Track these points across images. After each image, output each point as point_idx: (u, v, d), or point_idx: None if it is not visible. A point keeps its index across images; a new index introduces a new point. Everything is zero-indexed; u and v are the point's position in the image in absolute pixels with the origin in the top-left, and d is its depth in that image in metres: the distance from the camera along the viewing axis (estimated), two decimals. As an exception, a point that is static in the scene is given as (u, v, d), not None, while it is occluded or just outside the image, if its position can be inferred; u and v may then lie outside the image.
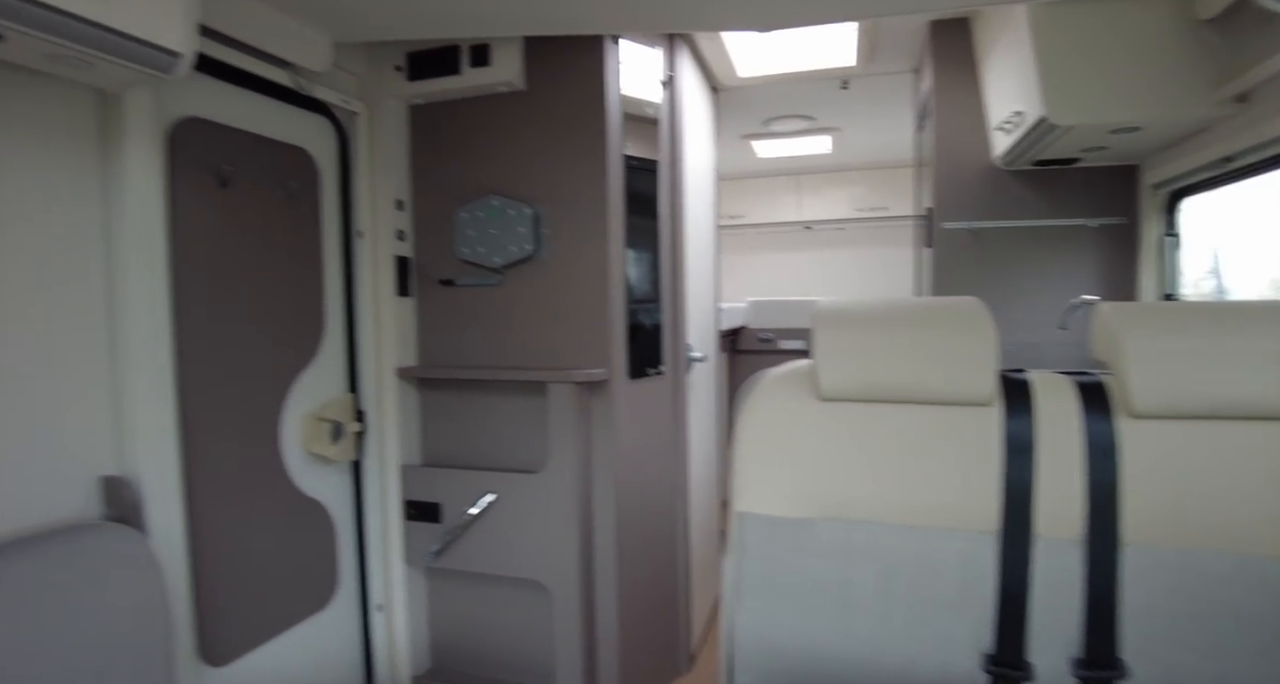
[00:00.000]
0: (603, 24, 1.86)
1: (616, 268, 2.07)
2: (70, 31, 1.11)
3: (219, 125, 1.68)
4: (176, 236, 1.57)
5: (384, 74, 2.11)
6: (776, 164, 4.96)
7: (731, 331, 4.20)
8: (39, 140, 1.32)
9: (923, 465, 1.11)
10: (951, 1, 1.78)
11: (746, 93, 3.24)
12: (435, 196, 2.20)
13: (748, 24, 1.91)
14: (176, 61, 1.26)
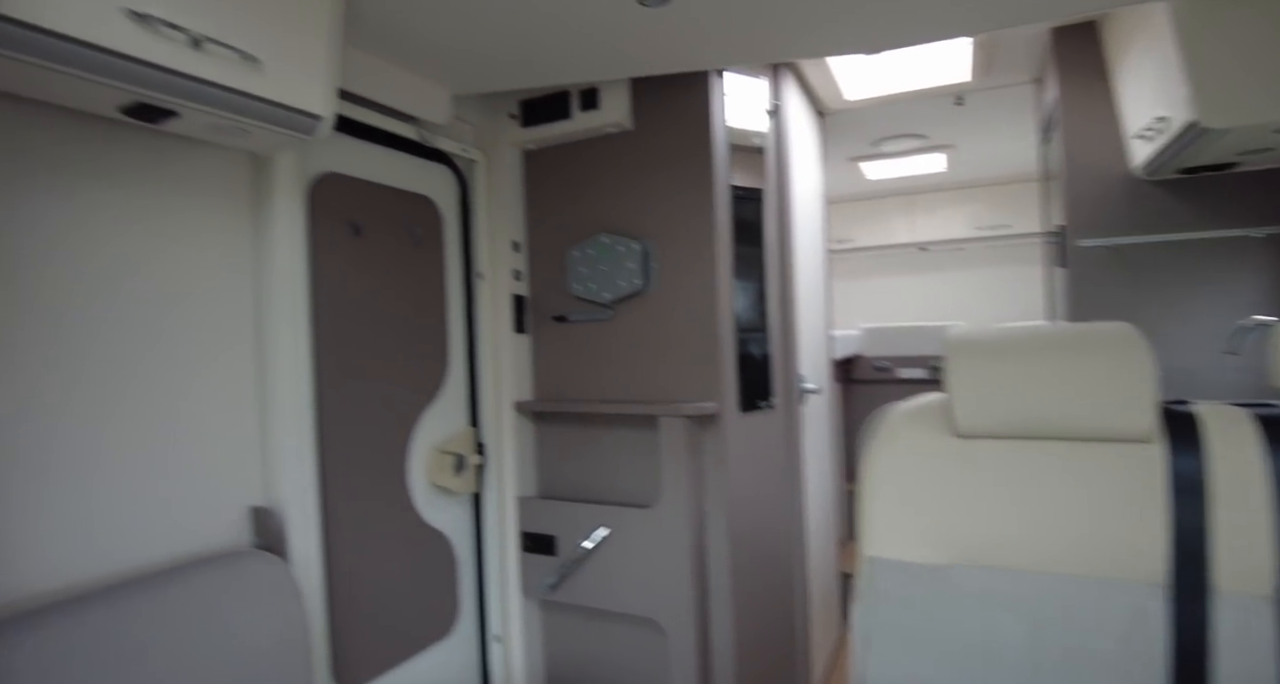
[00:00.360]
0: (708, 60, 1.88)
1: (725, 299, 2.05)
2: (234, 105, 1.24)
3: (352, 179, 1.82)
4: (316, 283, 1.70)
5: (499, 122, 2.22)
6: (887, 185, 4.80)
7: (845, 360, 4.06)
8: (204, 200, 1.47)
9: (1074, 508, 1.01)
10: (1078, 5, 1.67)
11: (854, 115, 3.17)
12: (549, 236, 2.27)
13: (856, 47, 1.87)
14: (319, 124, 1.38)
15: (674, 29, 1.68)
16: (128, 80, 1.11)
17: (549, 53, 1.78)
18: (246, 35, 1.23)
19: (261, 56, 1.25)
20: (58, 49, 1.02)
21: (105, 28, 1.05)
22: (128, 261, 1.34)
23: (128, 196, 1.34)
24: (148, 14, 1.09)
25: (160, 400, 1.38)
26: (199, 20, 1.16)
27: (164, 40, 1.12)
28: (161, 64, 1.12)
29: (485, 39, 1.71)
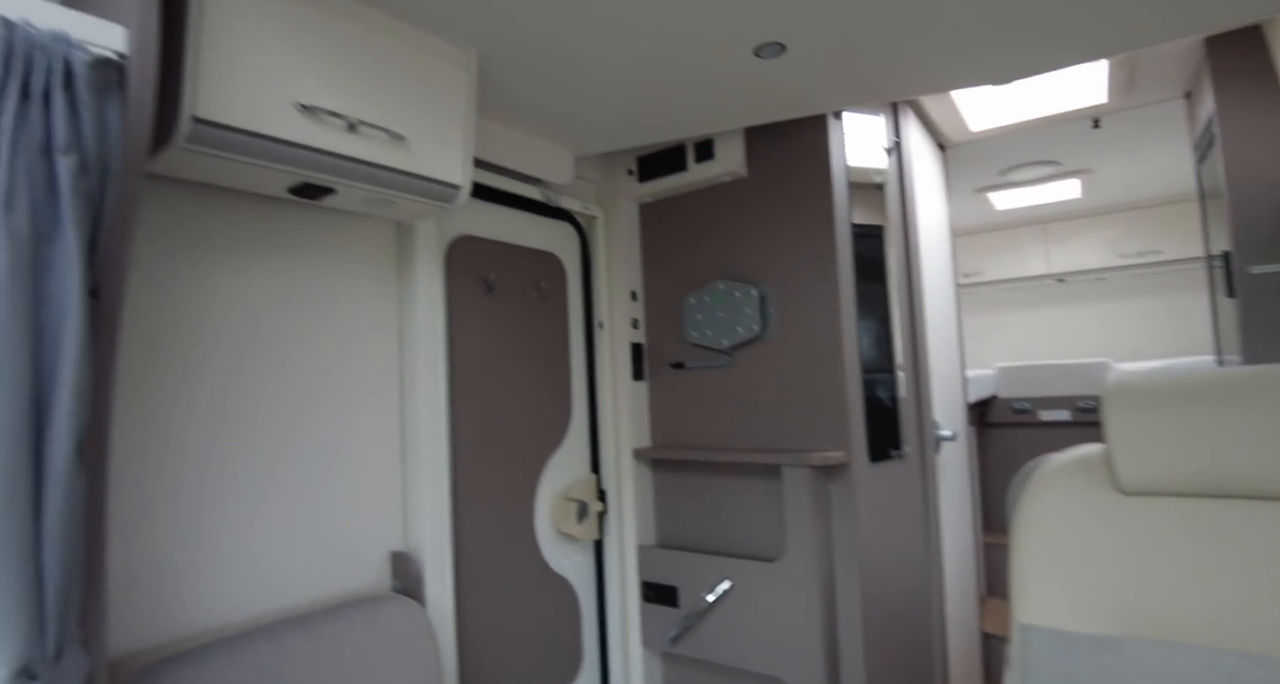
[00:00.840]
0: (825, 104, 1.86)
1: (850, 342, 1.99)
2: (384, 180, 1.36)
3: (484, 240, 1.93)
4: (452, 338, 1.80)
5: (618, 179, 2.30)
6: (1017, 214, 4.54)
7: (981, 402, 3.81)
8: (355, 265, 1.60)
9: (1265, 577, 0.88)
10: (1238, 11, 1.52)
11: (979, 146, 3.03)
12: (665, 285, 2.30)
13: (983, 79, 1.80)
14: (458, 193, 1.48)
15: (789, 77, 1.69)
16: (296, 164, 1.24)
17: (666, 110, 1.84)
18: (394, 117, 1.35)
19: (407, 135, 1.37)
20: (242, 143, 1.16)
21: (280, 121, 1.18)
22: (291, 324, 1.47)
23: (291, 266, 1.48)
24: (314, 105, 1.22)
25: (317, 450, 1.49)
26: (355, 107, 1.28)
27: (326, 127, 1.25)
28: (324, 148, 1.25)
29: (605, 104, 1.78)
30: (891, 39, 1.53)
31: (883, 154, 2.23)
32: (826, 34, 1.50)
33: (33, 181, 0.83)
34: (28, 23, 0.82)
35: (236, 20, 1.13)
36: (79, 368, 0.87)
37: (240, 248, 1.41)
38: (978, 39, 1.54)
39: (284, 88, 1.19)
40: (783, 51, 1.56)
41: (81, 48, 0.85)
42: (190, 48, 1.07)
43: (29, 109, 0.83)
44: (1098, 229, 4.66)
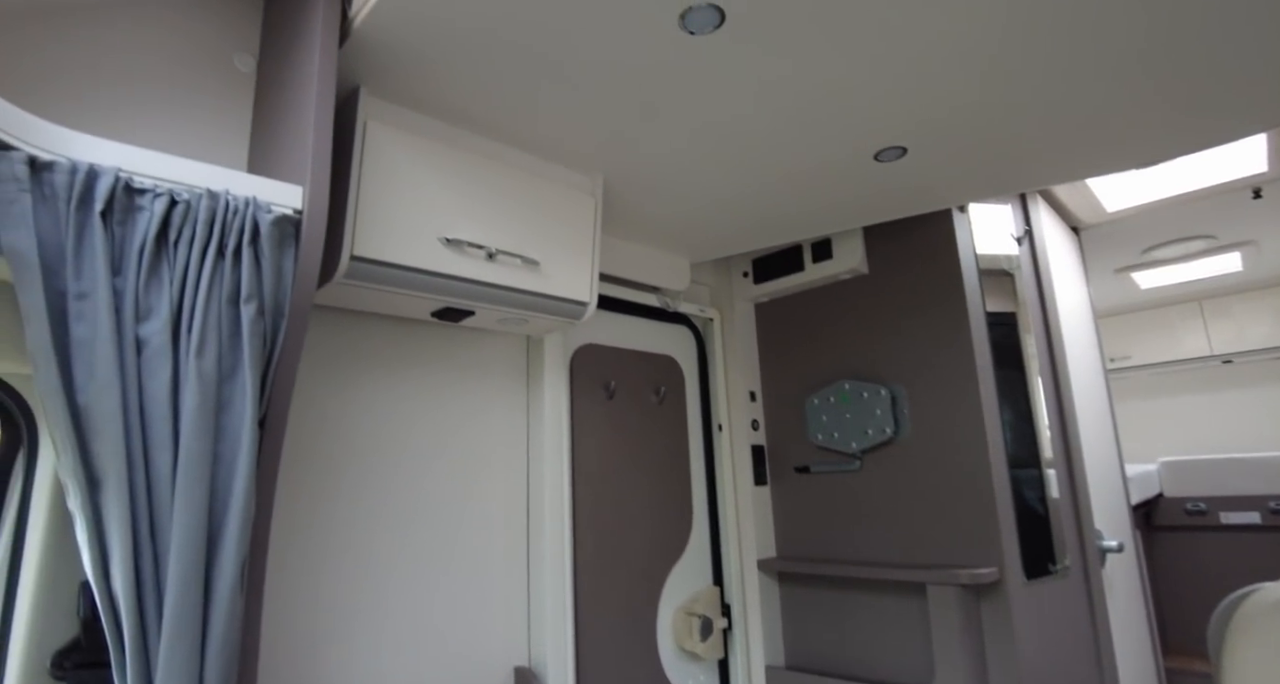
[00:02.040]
0: (948, 199, 1.81)
1: (995, 445, 1.83)
2: (519, 301, 1.42)
3: (605, 347, 1.97)
4: (575, 446, 1.81)
5: (733, 281, 2.31)
6: (1167, 292, 4.16)
7: (1145, 503, 3.40)
8: (488, 380, 1.66)
9: None
10: None
11: (1117, 226, 2.84)
12: (785, 385, 2.24)
13: (1122, 165, 1.70)
14: (585, 309, 1.53)
15: (911, 177, 1.66)
16: (440, 291, 1.32)
17: (782, 215, 1.84)
18: (529, 243, 1.42)
19: (540, 259, 1.43)
20: (394, 275, 1.25)
21: (427, 254, 1.27)
22: (429, 438, 1.53)
23: (431, 382, 1.56)
24: (457, 239, 1.31)
25: (449, 561, 1.51)
26: (493, 237, 1.37)
27: (467, 257, 1.33)
28: (465, 276, 1.33)
29: (722, 213, 1.81)
30: (1020, 132, 1.48)
31: (1011, 242, 2.12)
32: (949, 135, 1.47)
33: (220, 328, 0.92)
34: (228, 192, 0.93)
35: (390, 170, 1.24)
36: (247, 498, 0.92)
37: (385, 367, 1.50)
38: (1115, 124, 1.46)
39: (431, 224, 1.28)
40: (903, 154, 1.54)
41: (267, 208, 0.96)
42: (352, 197, 1.19)
43: (222, 265, 0.93)
44: (1267, 304, 4.19)
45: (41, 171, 0.83)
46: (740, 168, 1.58)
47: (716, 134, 1.43)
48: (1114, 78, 1.27)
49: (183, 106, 1.22)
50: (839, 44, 1.16)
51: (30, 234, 0.81)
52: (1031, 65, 1.23)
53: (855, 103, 1.34)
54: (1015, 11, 1.09)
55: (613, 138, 1.44)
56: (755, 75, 1.24)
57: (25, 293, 0.81)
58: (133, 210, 0.88)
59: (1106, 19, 1.10)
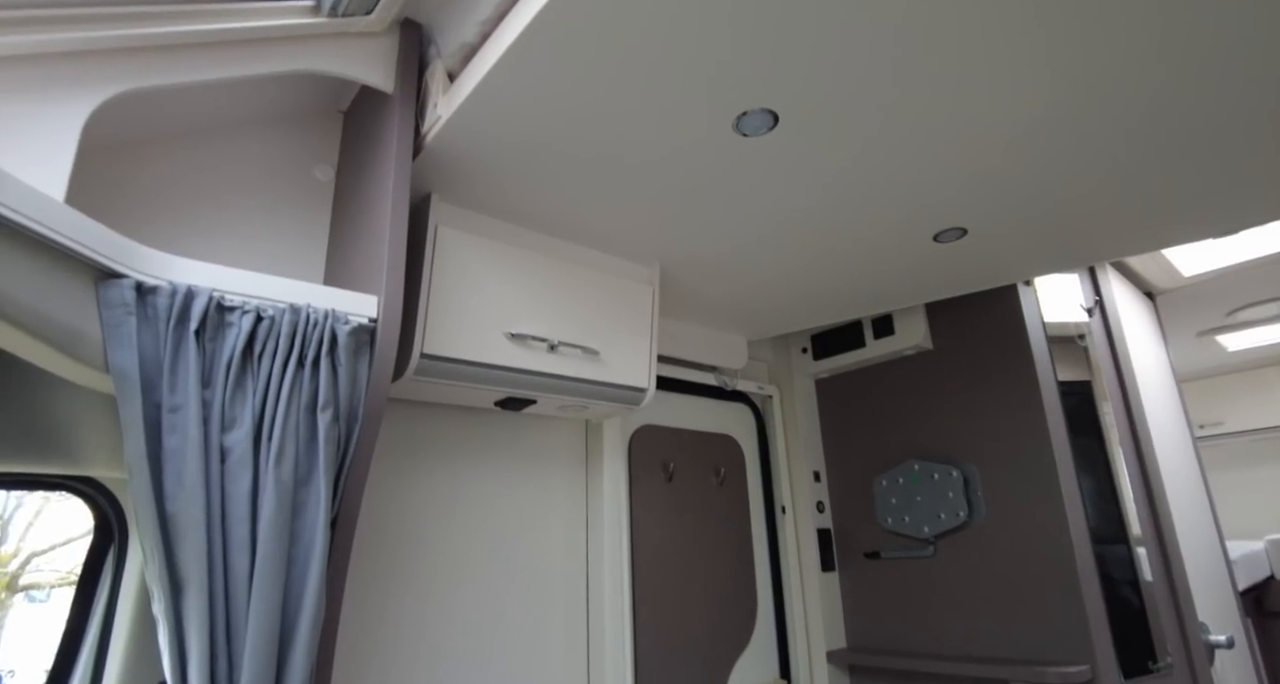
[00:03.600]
0: (1013, 276, 1.78)
1: (1078, 528, 1.72)
2: (579, 390, 1.44)
3: (663, 428, 1.96)
4: (635, 530, 1.79)
5: (792, 357, 2.29)
6: (1259, 353, 3.92)
7: (1253, 587, 3.11)
8: (549, 465, 1.67)
9: None
10: None
11: (1196, 289, 2.72)
12: (851, 465, 2.18)
13: (1197, 235, 1.63)
14: (644, 395, 1.54)
15: (972, 256, 1.64)
16: (504, 384, 1.35)
17: (840, 293, 1.83)
18: (589, 334, 1.45)
19: (600, 349, 1.46)
20: (461, 370, 1.28)
21: (492, 349, 1.31)
22: (492, 522, 1.53)
23: (494, 468, 1.57)
24: (521, 333, 1.34)
25: (511, 649, 1.48)
26: (555, 330, 1.40)
27: (530, 350, 1.36)
28: (528, 368, 1.36)
29: (778, 294, 1.82)
30: (1083, 208, 1.44)
31: (1082, 312, 2.05)
32: (1010, 214, 1.45)
33: (298, 436, 0.96)
34: (309, 305, 0.99)
35: (459, 271, 1.30)
36: (319, 598, 0.94)
37: (449, 454, 1.52)
38: (1186, 196, 1.41)
39: (496, 320, 1.32)
40: (963, 235, 1.53)
41: (344, 319, 1.01)
42: (423, 298, 1.24)
43: (302, 375, 0.97)
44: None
45: (146, 295, 0.89)
46: (796, 251, 1.59)
47: (772, 222, 1.45)
48: (1179, 152, 1.24)
49: (268, 215, 1.32)
50: (891, 137, 1.17)
51: (134, 354, 0.87)
52: (1089, 143, 1.21)
53: (911, 188, 1.34)
54: (1068, 93, 1.08)
55: (669, 230, 1.48)
56: (809, 169, 1.26)
57: (125, 407, 0.87)
58: (223, 327, 0.94)
59: (1165, 96, 1.08)
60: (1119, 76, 1.03)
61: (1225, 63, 1.00)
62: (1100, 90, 1.07)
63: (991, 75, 1.02)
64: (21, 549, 1.65)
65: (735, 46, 0.96)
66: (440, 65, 1.17)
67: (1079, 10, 0.90)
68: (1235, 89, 1.06)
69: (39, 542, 1.60)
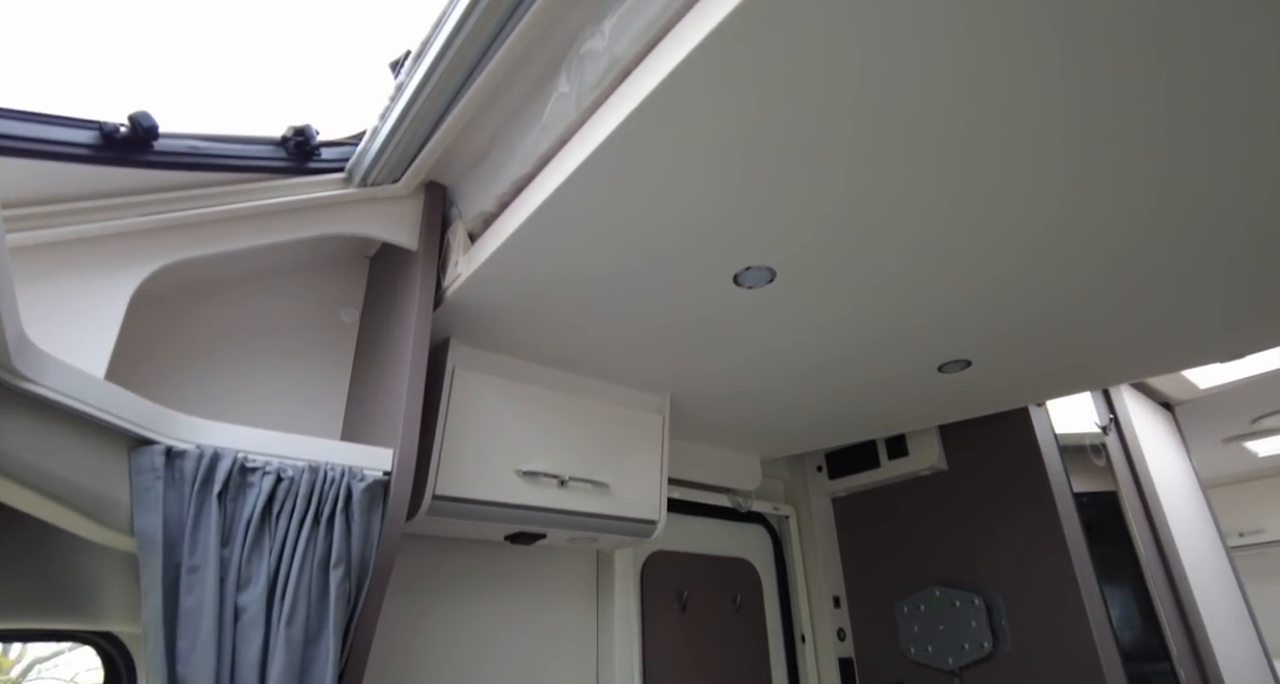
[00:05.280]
0: (1022, 400, 1.79)
1: (1108, 653, 1.63)
2: (589, 524, 1.45)
3: (676, 553, 1.93)
4: (647, 664, 1.73)
5: (807, 475, 2.28)
6: (1289, 456, 3.81)
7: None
8: (559, 596, 1.65)
9: None
10: None
11: (1216, 399, 2.69)
12: (871, 589, 2.12)
13: (1204, 360, 1.65)
14: (655, 527, 1.54)
15: (978, 384, 1.66)
16: (514, 521, 1.37)
17: (851, 417, 1.85)
18: (599, 467, 1.48)
19: (610, 482, 1.48)
20: (472, 509, 1.31)
21: (504, 487, 1.34)
22: (503, 654, 1.50)
23: (505, 599, 1.56)
24: (532, 471, 1.37)
25: None
26: (565, 465, 1.43)
27: (541, 487, 1.38)
28: (538, 505, 1.37)
29: (790, 417, 1.84)
30: (1085, 337, 1.46)
31: (1097, 428, 2.05)
32: (1013, 346, 1.48)
33: (310, 593, 0.98)
34: (327, 464, 1.03)
35: (474, 412, 1.35)
36: (321, 766, 0.92)
37: (459, 587, 1.52)
38: (1189, 323, 1.41)
39: (508, 458, 1.36)
40: (967, 366, 1.56)
41: (360, 475, 1.05)
42: (438, 440, 1.28)
43: (317, 532, 1.00)
44: None
45: (175, 459, 0.94)
46: (803, 381, 1.62)
47: (778, 357, 1.49)
48: (1177, 283, 1.25)
49: (296, 358, 1.38)
50: (888, 284, 1.23)
51: (159, 517, 0.91)
52: (1085, 278, 1.22)
53: (911, 327, 1.38)
54: (1062, 229, 1.10)
55: (678, 364, 1.52)
56: (809, 315, 1.32)
57: (146, 571, 0.90)
58: (245, 488, 0.98)
59: (1159, 230, 1.09)
60: (1112, 215, 1.06)
61: (1221, 196, 1.02)
62: (1094, 228, 1.09)
63: (983, 218, 1.07)
64: (25, 654, 1.64)
65: (733, 211, 1.03)
66: (461, 226, 1.26)
67: (1072, 145, 0.93)
68: (1231, 221, 1.08)
69: (42, 649, 1.59)
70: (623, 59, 0.86)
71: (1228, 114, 0.85)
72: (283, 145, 1.16)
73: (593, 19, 0.90)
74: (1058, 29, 0.73)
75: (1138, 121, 0.86)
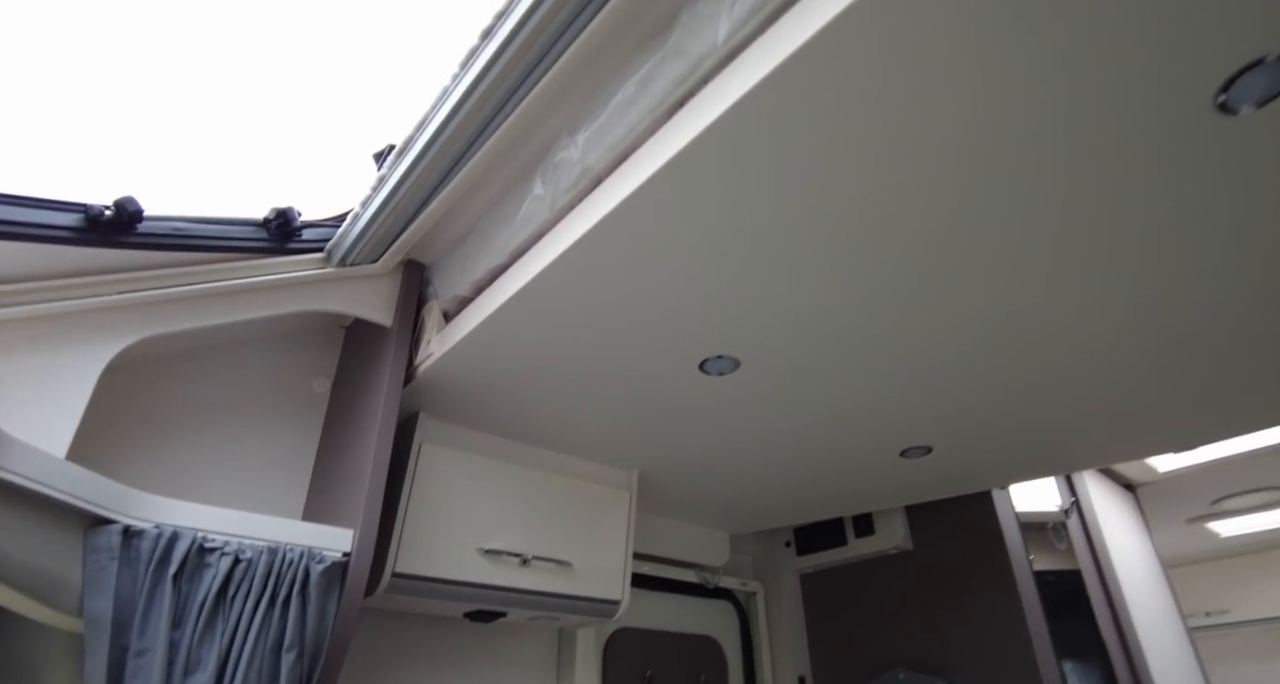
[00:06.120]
0: (983, 484, 1.82)
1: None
2: (550, 604, 1.44)
3: (641, 630, 1.91)
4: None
5: (775, 551, 2.27)
6: (1261, 538, 3.84)
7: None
8: (520, 672, 1.62)
9: None
10: None
11: (1174, 483, 2.75)
12: (836, 669, 2.09)
13: (1159, 449, 1.71)
14: (618, 607, 1.53)
15: (940, 469, 1.69)
16: (474, 599, 1.35)
17: (819, 495, 1.87)
18: (562, 546, 1.47)
19: (574, 560, 1.47)
20: (431, 588, 1.30)
21: (465, 566, 1.33)
22: (453, 749, 1.46)
23: (467, 677, 1.53)
24: (494, 549, 1.37)
25: None
26: (529, 543, 1.43)
27: (502, 565, 1.38)
28: (498, 584, 1.37)
29: (758, 493, 1.85)
30: (1043, 427, 1.50)
31: (1058, 511, 2.08)
32: (972, 433, 1.52)
33: (259, 679, 0.96)
34: (286, 545, 1.03)
35: (439, 488, 1.35)
36: None
37: (419, 663, 1.49)
38: (1143, 416, 1.45)
39: (470, 536, 1.36)
40: (929, 452, 1.59)
41: (319, 557, 1.04)
42: (400, 517, 1.28)
43: (271, 614, 0.99)
44: (1372, 548, 3.80)
45: (132, 539, 0.94)
46: (771, 463, 1.64)
47: (745, 438, 1.52)
48: (1131, 376, 1.29)
49: (267, 426, 1.38)
50: (850, 373, 1.27)
51: (110, 599, 0.90)
52: (1043, 370, 1.27)
53: (873, 414, 1.42)
54: (1016, 326, 1.14)
55: (646, 442, 1.55)
56: (773, 402, 1.36)
57: (91, 655, 0.88)
58: (201, 568, 0.97)
59: (1114, 324, 1.13)
60: (1077, 315, 1.10)
61: (1183, 299, 1.07)
62: (1058, 327, 1.13)
63: (948, 318, 1.11)
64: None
65: (700, 307, 1.08)
66: (436, 305, 1.30)
67: (1044, 248, 0.97)
68: (1189, 322, 1.12)
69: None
70: (594, 169, 0.92)
71: (1196, 227, 0.91)
72: (264, 226, 1.19)
73: (567, 129, 0.96)
74: (1044, 140, 0.78)
75: (1114, 228, 0.91)
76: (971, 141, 0.78)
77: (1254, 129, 0.76)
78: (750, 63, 0.72)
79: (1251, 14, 0.64)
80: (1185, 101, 0.73)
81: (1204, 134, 0.76)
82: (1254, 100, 0.72)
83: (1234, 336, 1.15)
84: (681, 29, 0.77)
